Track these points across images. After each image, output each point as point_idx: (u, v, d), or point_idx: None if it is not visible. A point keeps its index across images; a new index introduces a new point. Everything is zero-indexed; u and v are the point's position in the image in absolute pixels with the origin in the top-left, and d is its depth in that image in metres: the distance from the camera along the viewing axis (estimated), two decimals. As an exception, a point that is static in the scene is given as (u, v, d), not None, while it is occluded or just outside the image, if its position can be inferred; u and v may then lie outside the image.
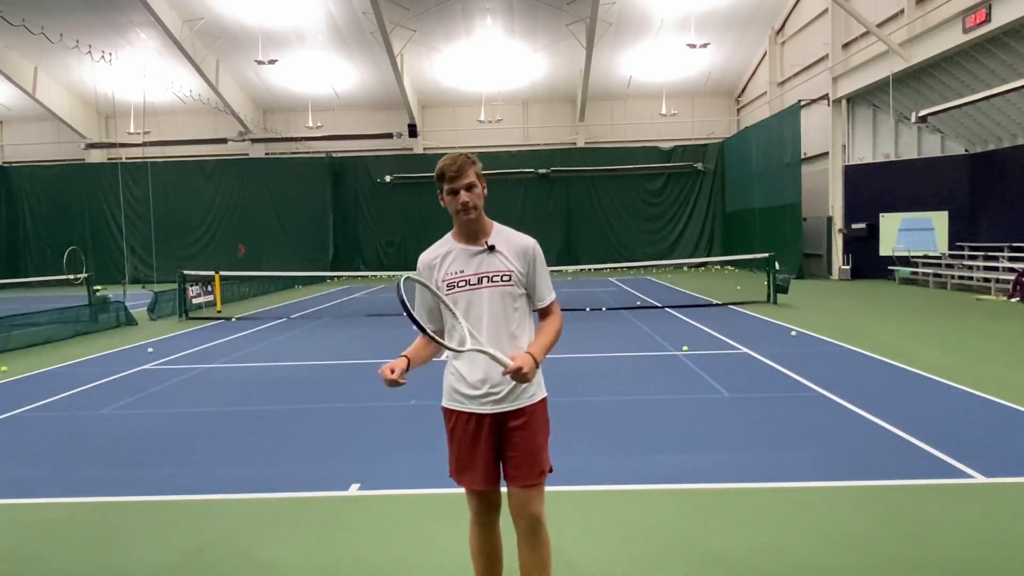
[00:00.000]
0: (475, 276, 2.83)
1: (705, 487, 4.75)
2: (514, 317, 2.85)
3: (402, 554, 3.89)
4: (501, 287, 2.82)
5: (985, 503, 4.37)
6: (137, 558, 3.93)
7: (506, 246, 2.87)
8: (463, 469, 2.89)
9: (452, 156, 2.84)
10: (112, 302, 15.13)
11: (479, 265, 2.83)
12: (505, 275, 2.83)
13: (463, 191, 2.79)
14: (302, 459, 5.61)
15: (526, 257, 2.87)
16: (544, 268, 2.94)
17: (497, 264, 2.84)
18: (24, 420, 7.16)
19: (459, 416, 2.87)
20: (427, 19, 25.93)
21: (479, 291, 2.82)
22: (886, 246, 22.04)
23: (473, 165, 2.83)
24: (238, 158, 33.25)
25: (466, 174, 2.79)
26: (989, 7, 15.48)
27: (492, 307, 2.81)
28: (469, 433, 2.85)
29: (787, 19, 27.29)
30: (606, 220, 32.19)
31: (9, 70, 28.14)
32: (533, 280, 2.90)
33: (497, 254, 2.85)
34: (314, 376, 9.08)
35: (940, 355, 9.23)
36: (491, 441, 2.85)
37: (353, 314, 16.71)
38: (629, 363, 9.31)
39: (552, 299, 2.97)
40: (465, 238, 2.88)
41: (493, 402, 2.81)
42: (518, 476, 2.83)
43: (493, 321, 2.80)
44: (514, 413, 2.83)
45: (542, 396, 2.92)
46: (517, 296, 2.87)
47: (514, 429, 2.83)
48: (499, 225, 2.95)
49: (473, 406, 2.84)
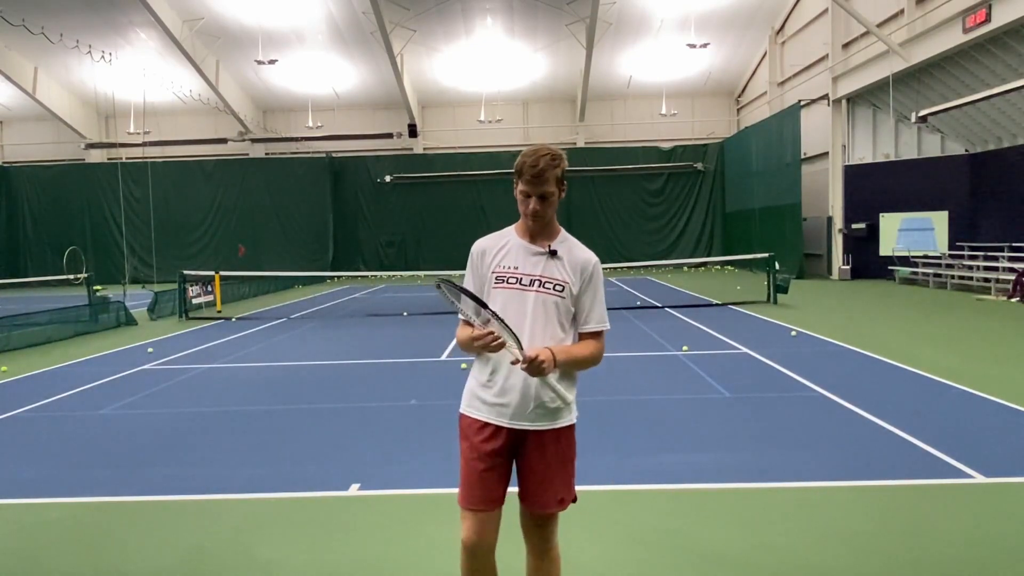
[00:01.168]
0: (528, 277, 2.60)
1: (705, 487, 4.75)
2: (557, 333, 2.60)
3: (402, 554, 3.89)
4: (552, 296, 2.59)
5: (985, 503, 4.37)
6: (137, 558, 3.93)
7: (567, 255, 2.64)
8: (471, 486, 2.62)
9: (535, 152, 2.57)
10: (112, 302, 15.12)
11: (535, 267, 2.61)
12: (560, 285, 2.59)
13: (535, 200, 2.56)
14: (302, 459, 5.61)
15: (584, 272, 2.63)
16: (602, 290, 2.69)
17: (554, 271, 2.61)
18: (24, 420, 7.15)
19: (474, 424, 2.64)
20: (427, 19, 25.93)
21: (526, 293, 2.59)
22: (886, 246, 22.05)
23: (556, 168, 2.56)
24: (238, 158, 33.26)
25: (546, 180, 2.55)
26: (989, 7, 15.49)
27: (537, 315, 2.57)
28: (482, 443, 2.60)
29: (787, 19, 27.29)
30: (606, 220, 32.19)
31: (9, 70, 28.14)
32: (584, 299, 2.64)
33: (557, 261, 2.62)
34: (314, 376, 9.08)
35: (940, 355, 9.23)
36: (505, 457, 2.62)
37: (353, 314, 16.71)
38: (629, 363, 9.31)
39: (604, 327, 2.70)
40: (529, 236, 2.67)
41: (515, 416, 2.57)
42: (535, 503, 2.65)
43: (534, 329, 2.55)
44: (536, 434, 2.60)
45: (570, 421, 2.66)
46: (567, 313, 2.63)
47: (533, 451, 2.61)
48: (566, 233, 2.72)
49: (492, 415, 2.60)
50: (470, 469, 2.62)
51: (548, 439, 2.61)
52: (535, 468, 2.62)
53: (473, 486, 2.60)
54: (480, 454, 2.60)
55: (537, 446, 2.61)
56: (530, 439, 2.60)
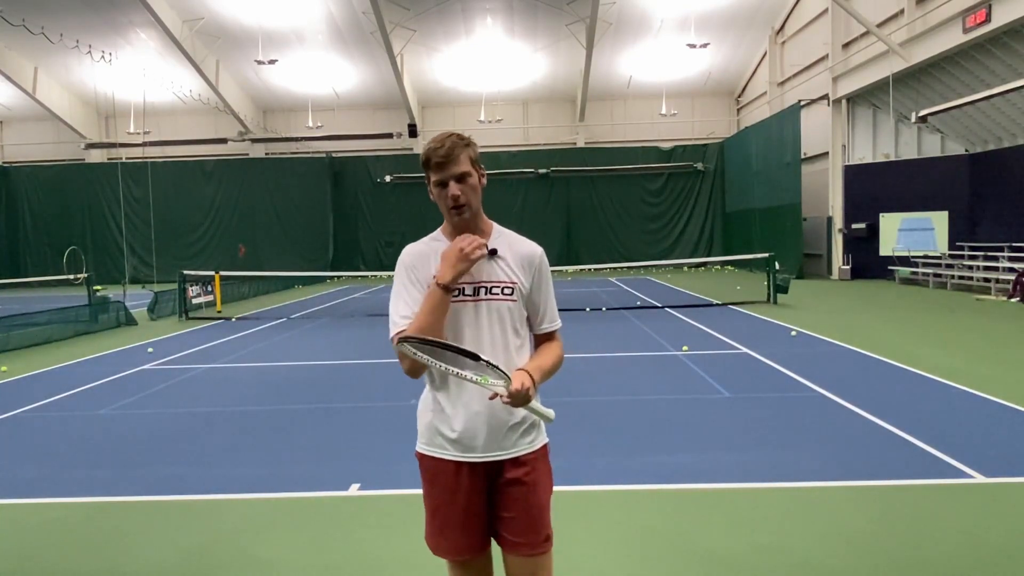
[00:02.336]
0: (471, 285, 2.24)
1: (705, 487, 4.75)
2: (516, 343, 2.29)
3: (402, 554, 3.89)
4: (502, 302, 2.26)
5: (985, 503, 4.37)
6: (137, 558, 3.93)
7: (508, 251, 2.31)
8: (442, 532, 2.29)
9: (440, 137, 2.26)
10: (112, 302, 15.12)
11: (477, 272, 2.24)
12: (508, 287, 2.27)
13: (452, 182, 2.21)
14: (302, 459, 5.61)
15: (531, 267, 2.32)
16: (550, 285, 2.39)
17: (498, 272, 2.27)
18: (24, 420, 7.16)
19: (440, 465, 2.27)
20: (427, 19, 25.93)
21: (476, 305, 2.25)
22: (886, 246, 22.04)
23: (466, 148, 2.25)
24: (238, 158, 33.25)
25: (457, 160, 2.21)
26: (989, 7, 15.48)
27: (490, 326, 2.25)
28: (454, 486, 2.26)
29: (787, 19, 27.29)
30: (606, 220, 32.18)
31: (9, 70, 28.13)
32: (536, 298, 2.34)
33: (498, 261, 2.28)
34: (314, 376, 9.08)
35: (940, 355, 9.23)
36: (478, 497, 2.27)
37: (353, 314, 16.71)
38: (629, 363, 9.31)
39: (558, 326, 2.41)
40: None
41: (486, 447, 2.23)
42: (520, 544, 2.25)
43: (490, 344, 2.23)
44: (512, 462, 2.25)
45: (544, 441, 2.35)
46: (520, 317, 2.32)
47: (512, 483, 2.25)
48: (499, 227, 2.39)
49: (459, 452, 2.24)
50: (449, 516, 2.28)
51: (527, 464, 2.28)
52: (518, 502, 2.26)
53: (456, 535, 2.28)
54: (455, 499, 2.26)
55: (516, 475, 2.26)
56: (507, 469, 2.26)
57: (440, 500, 2.30)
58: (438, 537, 2.31)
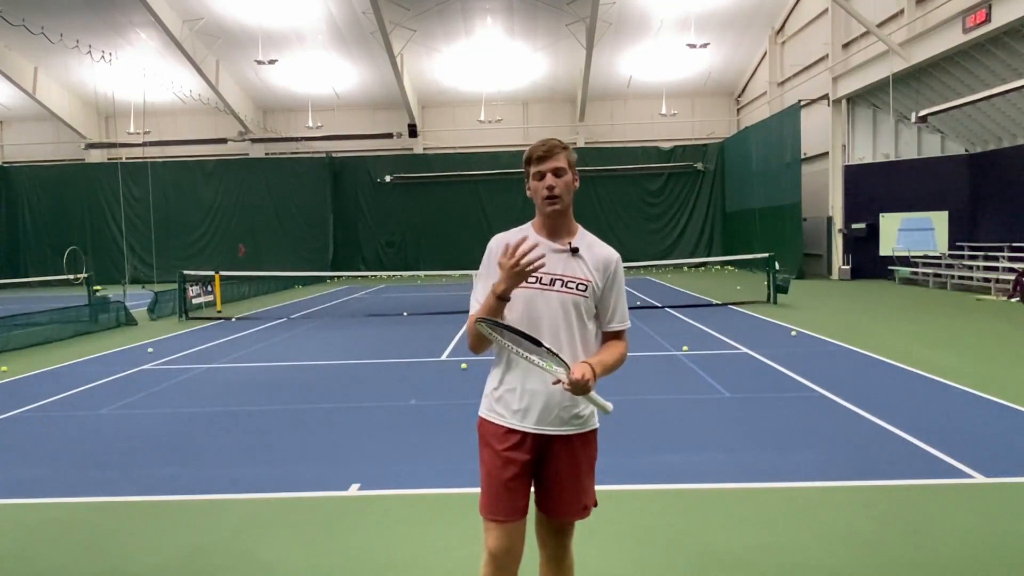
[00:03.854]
0: (549, 276, 2.48)
1: (705, 487, 4.75)
2: (580, 334, 2.52)
3: (402, 554, 3.89)
4: (574, 296, 2.49)
5: (985, 503, 4.37)
6: (137, 558, 3.93)
7: (588, 252, 2.55)
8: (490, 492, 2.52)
9: (544, 139, 2.56)
10: (112, 302, 15.12)
11: (556, 265, 2.49)
12: (583, 284, 2.50)
13: (550, 175, 2.48)
14: (302, 459, 5.61)
15: (607, 271, 2.55)
16: (623, 288, 2.61)
17: (576, 269, 2.51)
18: (24, 420, 7.16)
19: (494, 429, 2.53)
20: (427, 19, 25.93)
21: (547, 293, 2.49)
22: (886, 246, 22.05)
23: (565, 151, 2.52)
24: (238, 158, 33.25)
25: (556, 156, 2.49)
26: (989, 7, 15.48)
27: (558, 316, 2.49)
28: (507, 451, 2.50)
29: (787, 19, 27.29)
30: (606, 220, 32.14)
31: (9, 70, 28.14)
32: (608, 298, 2.56)
33: (579, 259, 2.53)
34: (314, 376, 9.08)
35: (940, 355, 9.23)
36: (529, 465, 2.52)
37: (353, 314, 16.71)
38: (629, 363, 9.28)
39: (626, 327, 2.63)
40: (547, 232, 2.56)
41: (537, 421, 2.49)
42: (557, 510, 2.56)
43: (556, 332, 2.47)
44: (562, 439, 2.51)
45: (594, 427, 2.60)
46: (590, 312, 2.55)
47: (561, 457, 2.52)
48: (584, 230, 2.64)
49: (515, 421, 2.50)
50: (494, 478, 2.51)
51: (577, 444, 2.54)
52: (563, 474, 2.53)
53: (499, 496, 2.49)
54: (506, 462, 2.49)
55: (566, 451, 2.53)
56: (556, 444, 2.52)
57: (491, 463, 2.53)
58: (492, 498, 2.51)
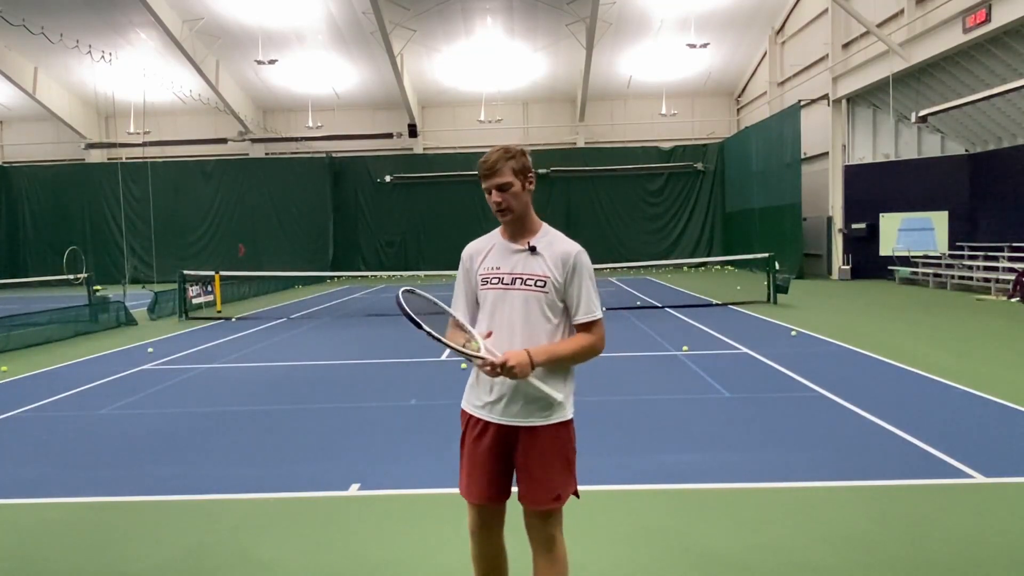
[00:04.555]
0: (510, 276, 2.65)
1: (705, 487, 4.75)
2: (545, 328, 2.62)
3: (402, 554, 3.89)
4: (533, 292, 2.62)
5: (985, 503, 4.37)
6: (137, 558, 3.93)
7: (548, 250, 2.66)
8: (468, 477, 2.73)
9: (491, 151, 2.63)
10: (112, 302, 15.12)
11: (516, 265, 2.65)
12: (540, 280, 2.62)
13: (495, 191, 2.60)
14: (302, 459, 5.61)
15: (566, 265, 2.63)
16: (588, 280, 2.67)
17: (534, 267, 2.64)
18: (24, 420, 7.15)
19: (470, 420, 2.74)
20: (427, 19, 25.93)
21: (510, 291, 2.64)
22: (886, 246, 22.05)
23: (510, 160, 2.60)
24: (238, 158, 33.25)
25: (499, 172, 2.58)
26: (989, 7, 15.48)
27: (518, 312, 2.62)
28: (476, 439, 2.70)
29: (787, 19, 27.29)
30: (606, 220, 32.19)
31: (9, 70, 28.13)
32: (570, 292, 2.65)
33: (537, 257, 2.65)
34: (314, 376, 9.08)
35: (940, 355, 9.23)
36: (496, 453, 2.67)
37: (353, 314, 16.71)
38: (629, 363, 9.31)
39: (595, 317, 2.67)
40: (509, 235, 2.72)
41: (504, 412, 2.63)
42: (527, 498, 2.67)
43: (517, 327, 2.61)
44: (526, 430, 2.63)
45: (563, 418, 2.67)
46: (552, 306, 2.64)
47: (526, 447, 2.64)
48: (549, 227, 2.76)
49: (484, 411, 2.68)
50: (464, 463, 2.75)
51: (543, 434, 2.64)
52: (531, 464, 2.64)
53: (468, 479, 2.73)
54: (475, 450, 2.70)
55: (531, 443, 2.63)
56: (523, 435, 2.64)
57: (468, 450, 2.74)
58: (465, 480, 2.74)
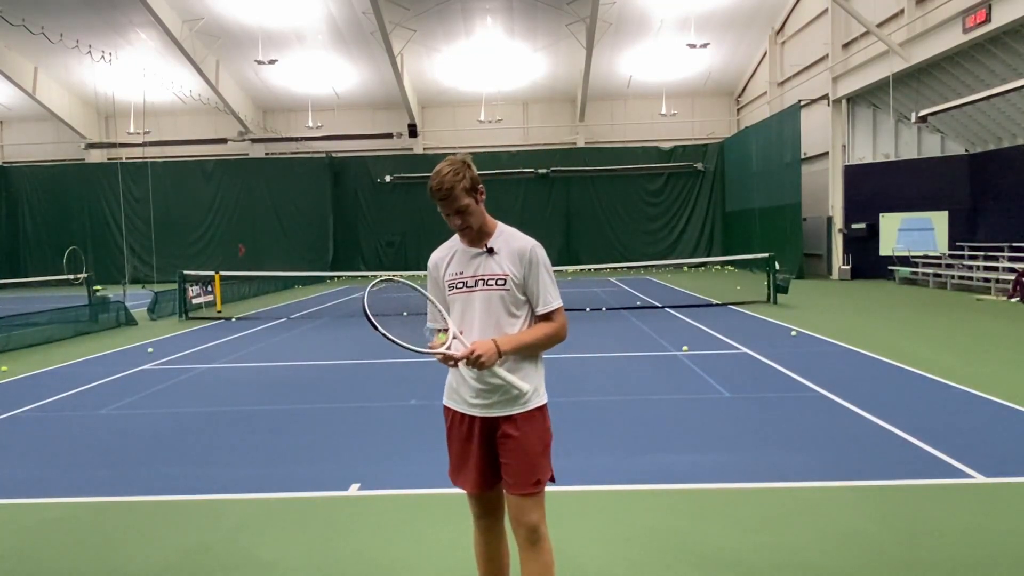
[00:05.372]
0: (472, 279, 2.76)
1: (705, 487, 4.75)
2: (510, 323, 2.74)
3: (402, 554, 3.89)
4: (495, 291, 2.73)
5: (985, 503, 4.37)
6: (137, 558, 3.93)
7: (504, 248, 2.77)
8: (456, 470, 2.88)
9: (439, 173, 2.64)
10: (112, 302, 15.13)
11: (476, 268, 2.76)
12: (500, 279, 2.73)
13: (455, 216, 2.71)
14: (302, 459, 5.61)
15: (522, 260, 2.74)
16: (544, 273, 2.78)
17: (493, 267, 2.75)
18: (24, 420, 7.16)
19: (454, 416, 2.86)
20: (427, 19, 25.93)
21: (473, 294, 2.75)
22: (886, 246, 22.04)
23: (461, 181, 2.64)
24: (238, 158, 33.24)
25: (455, 197, 2.64)
26: (989, 7, 15.48)
27: (484, 311, 2.73)
28: (462, 434, 2.83)
29: (787, 19, 27.28)
30: (606, 220, 32.18)
31: (9, 70, 28.13)
32: (530, 285, 2.76)
33: (495, 257, 2.76)
34: (314, 376, 9.08)
35: (940, 355, 9.23)
36: (482, 444, 2.79)
37: (353, 314, 16.70)
38: (629, 363, 9.31)
39: (554, 307, 2.79)
40: (468, 241, 2.82)
41: (483, 406, 2.76)
42: (510, 484, 2.76)
43: (484, 325, 2.72)
44: (505, 419, 2.75)
45: (538, 403, 2.80)
46: (515, 302, 2.75)
47: (506, 436, 2.75)
48: (503, 226, 2.85)
49: (465, 407, 2.80)
50: (453, 456, 2.91)
51: (521, 421, 2.75)
52: (509, 452, 2.74)
53: (458, 472, 2.88)
54: (457, 442, 2.86)
55: (513, 430, 2.74)
56: (503, 424, 2.75)
57: (452, 443, 2.89)
58: (454, 473, 2.90)
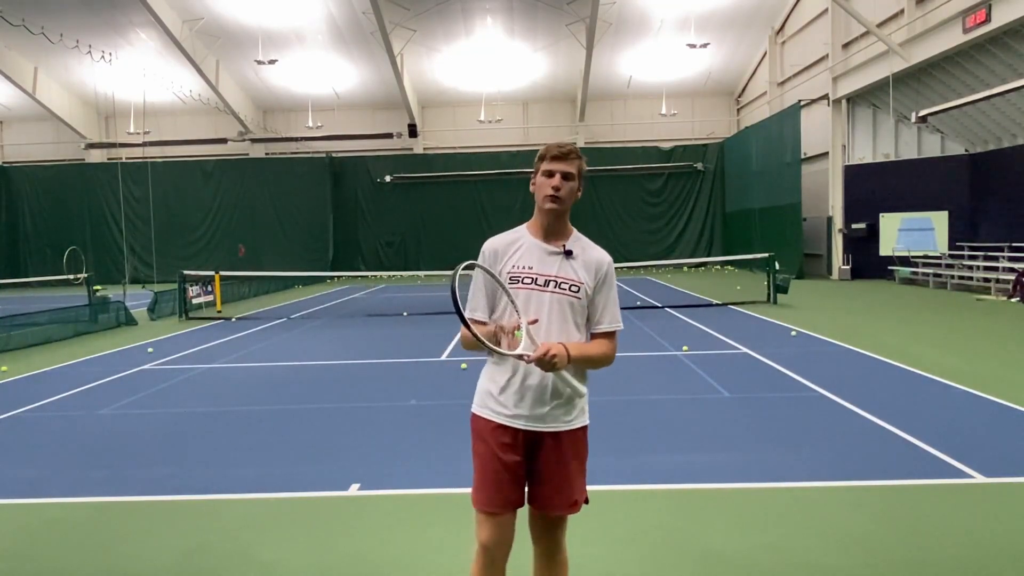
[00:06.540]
0: (543, 277, 2.57)
1: (705, 487, 4.75)
2: (573, 333, 2.58)
3: (402, 554, 3.89)
4: (567, 297, 2.57)
5: (985, 503, 4.37)
6: (137, 558, 3.93)
7: (581, 255, 2.63)
8: (482, 485, 2.61)
9: (564, 142, 2.63)
10: (112, 302, 15.12)
11: (551, 267, 2.58)
12: (575, 286, 2.57)
13: (559, 176, 2.54)
14: (302, 459, 5.61)
15: (598, 272, 2.62)
16: (615, 291, 2.67)
17: (570, 272, 2.58)
18: (24, 420, 7.15)
19: (495, 428, 2.59)
20: (427, 19, 25.93)
21: (542, 294, 2.56)
22: (886, 246, 22.04)
23: (580, 160, 2.59)
24: (238, 158, 33.25)
25: (569, 161, 2.56)
26: (989, 7, 15.48)
27: (556, 315, 2.55)
28: (500, 447, 2.57)
29: (787, 19, 27.29)
30: (606, 220, 32.16)
31: (9, 70, 28.13)
32: (598, 299, 2.63)
33: (572, 261, 2.60)
34: (314, 376, 9.08)
35: (940, 355, 9.23)
36: (522, 459, 2.59)
37: (353, 314, 16.71)
38: (629, 363, 9.31)
39: (615, 329, 2.67)
40: (543, 234, 2.62)
41: (534, 417, 2.55)
42: (547, 505, 2.62)
43: (552, 329, 2.54)
44: (552, 435, 2.58)
45: (583, 423, 2.66)
46: (583, 312, 2.62)
47: (549, 453, 2.58)
48: (578, 232, 2.70)
49: (505, 418, 2.57)
50: (487, 471, 2.59)
51: (564, 440, 2.60)
52: (551, 470, 2.59)
53: (491, 488, 2.57)
54: (498, 456, 2.56)
55: (553, 448, 2.58)
56: (546, 441, 2.58)
57: (484, 457, 2.60)
58: (478, 490, 2.60)
